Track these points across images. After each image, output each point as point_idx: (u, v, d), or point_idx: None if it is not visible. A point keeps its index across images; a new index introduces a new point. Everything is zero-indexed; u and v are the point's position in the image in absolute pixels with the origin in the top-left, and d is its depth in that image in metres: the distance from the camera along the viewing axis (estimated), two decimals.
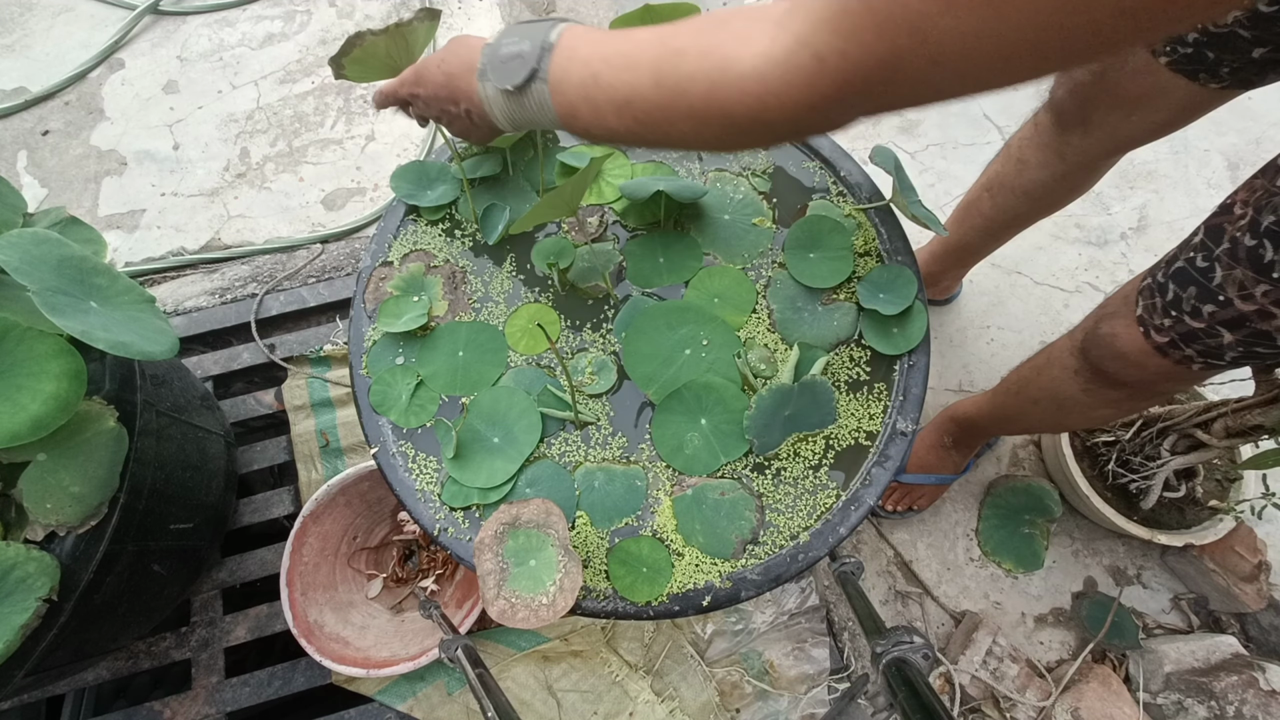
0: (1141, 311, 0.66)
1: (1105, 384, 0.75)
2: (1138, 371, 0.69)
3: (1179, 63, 0.70)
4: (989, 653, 1.07)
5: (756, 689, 1.04)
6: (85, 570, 0.72)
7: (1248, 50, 0.64)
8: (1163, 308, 0.63)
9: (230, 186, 1.47)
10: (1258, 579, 1.07)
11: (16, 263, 0.61)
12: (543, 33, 0.51)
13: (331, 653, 0.93)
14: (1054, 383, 0.82)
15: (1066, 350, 0.79)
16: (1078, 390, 0.78)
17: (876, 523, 1.20)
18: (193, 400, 1.02)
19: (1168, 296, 0.62)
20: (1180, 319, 0.61)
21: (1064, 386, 0.80)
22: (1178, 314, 0.61)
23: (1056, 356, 0.82)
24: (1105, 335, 0.70)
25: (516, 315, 0.73)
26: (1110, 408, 0.79)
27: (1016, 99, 1.61)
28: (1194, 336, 0.61)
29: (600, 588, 0.61)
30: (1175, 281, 0.62)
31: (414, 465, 0.67)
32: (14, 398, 0.63)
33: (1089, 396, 0.78)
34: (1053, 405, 0.84)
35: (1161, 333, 0.64)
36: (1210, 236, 0.59)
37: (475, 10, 1.71)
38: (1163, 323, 0.63)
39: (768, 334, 0.71)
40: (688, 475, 0.66)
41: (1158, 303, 0.64)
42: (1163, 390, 0.73)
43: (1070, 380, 0.79)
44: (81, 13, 1.69)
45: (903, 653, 0.48)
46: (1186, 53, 0.68)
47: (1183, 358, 0.64)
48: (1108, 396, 0.76)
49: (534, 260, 0.75)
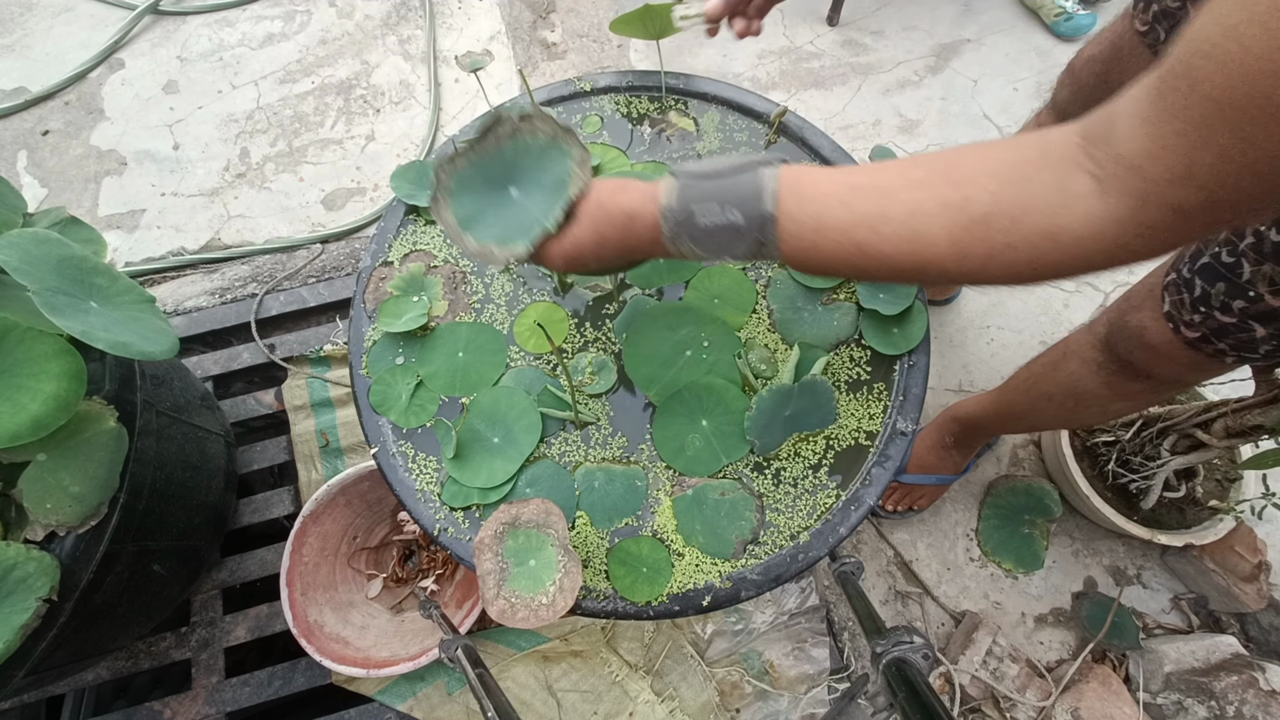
0: (1169, 307, 0.65)
1: (1130, 376, 0.74)
2: (1168, 364, 0.68)
3: None
4: (989, 653, 1.07)
5: (756, 689, 1.04)
6: (85, 570, 0.72)
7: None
8: (1191, 303, 0.62)
9: (230, 186, 1.47)
10: (1258, 579, 1.07)
11: (17, 263, 0.61)
12: (751, 198, 0.44)
13: (331, 653, 0.93)
14: (1071, 377, 0.81)
15: (1087, 344, 0.78)
16: (1098, 384, 0.77)
17: (876, 523, 1.20)
18: (193, 400, 1.02)
19: (1195, 292, 0.61)
20: (1210, 314, 0.60)
21: (1083, 381, 0.79)
22: (1207, 309, 0.60)
23: (1075, 350, 0.81)
24: (1134, 328, 0.69)
25: (525, 314, 0.73)
26: (1130, 400, 0.78)
27: (1016, 99, 1.61)
28: (1225, 331, 0.60)
29: (600, 588, 0.61)
30: (1202, 277, 0.61)
31: (414, 465, 0.67)
32: (14, 398, 0.63)
33: (1110, 390, 0.77)
34: (1069, 400, 0.83)
35: (1192, 328, 0.63)
36: (1233, 230, 0.58)
37: (475, 10, 1.71)
38: (1192, 318, 0.62)
39: (768, 334, 0.71)
40: (689, 476, 0.66)
41: (1185, 298, 0.63)
42: (1191, 381, 0.71)
43: (1091, 374, 0.78)
44: (81, 13, 1.69)
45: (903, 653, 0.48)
46: None
47: (1215, 351, 0.63)
48: (1130, 389, 0.75)
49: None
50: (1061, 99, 0.85)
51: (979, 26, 1.73)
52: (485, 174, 0.55)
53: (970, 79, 1.65)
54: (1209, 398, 1.12)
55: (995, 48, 1.70)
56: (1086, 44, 0.82)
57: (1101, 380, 0.77)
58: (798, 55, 1.70)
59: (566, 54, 1.69)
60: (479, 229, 0.55)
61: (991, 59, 1.68)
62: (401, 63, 1.63)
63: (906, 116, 1.59)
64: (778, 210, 0.43)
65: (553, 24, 1.75)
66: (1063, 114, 0.85)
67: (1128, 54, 0.75)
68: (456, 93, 1.59)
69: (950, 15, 1.75)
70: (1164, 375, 0.70)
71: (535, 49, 1.68)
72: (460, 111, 1.57)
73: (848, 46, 1.70)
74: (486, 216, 0.55)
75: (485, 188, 0.56)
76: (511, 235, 0.53)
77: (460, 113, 1.57)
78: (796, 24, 1.75)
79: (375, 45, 1.65)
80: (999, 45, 1.70)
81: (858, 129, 1.55)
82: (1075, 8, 1.65)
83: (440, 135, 1.53)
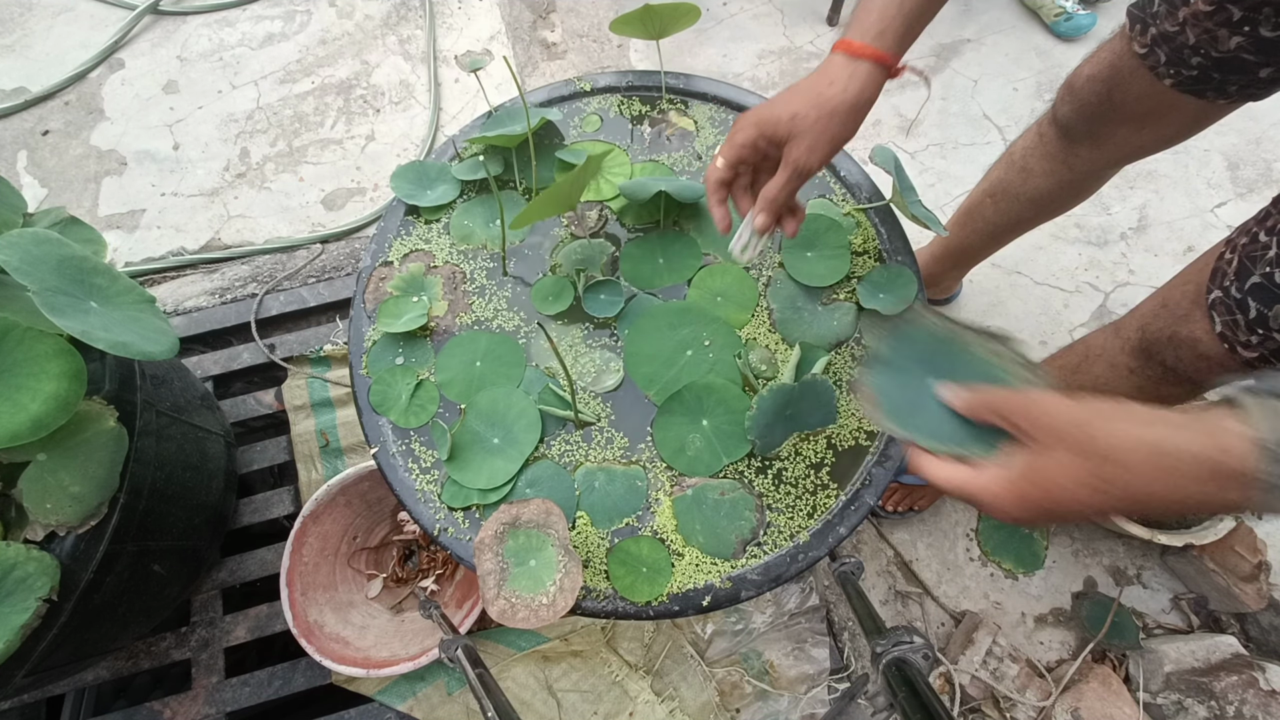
0: (1222, 328, 0.63)
1: (1169, 383, 0.72)
2: (1221, 373, 0.66)
3: (1184, 84, 0.69)
4: (989, 653, 1.07)
5: (756, 689, 1.04)
6: (85, 570, 0.72)
7: (1254, 71, 0.63)
8: (1247, 325, 0.60)
9: (230, 186, 1.47)
10: (1258, 579, 1.07)
11: (17, 263, 0.61)
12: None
13: (331, 653, 0.93)
14: (1097, 381, 0.80)
15: (1115, 350, 0.77)
16: (1129, 389, 0.76)
17: (876, 523, 1.20)
18: (193, 400, 1.02)
19: (1250, 314, 0.59)
20: (1269, 335, 0.58)
21: (1111, 386, 0.78)
22: (1265, 331, 0.58)
23: (1100, 355, 0.80)
24: (1185, 339, 0.67)
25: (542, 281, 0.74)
26: (1161, 403, 0.76)
27: (1016, 99, 1.61)
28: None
29: (600, 588, 0.61)
30: (1255, 298, 0.59)
31: (414, 465, 0.67)
32: (14, 398, 0.63)
33: (1141, 395, 0.75)
34: None
35: (1249, 349, 0.61)
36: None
37: (475, 10, 1.71)
38: (1249, 339, 0.60)
39: (768, 334, 0.71)
40: (689, 476, 0.66)
41: (1240, 320, 0.60)
42: None
43: (1122, 380, 0.77)
44: (81, 13, 1.69)
45: (903, 653, 0.48)
46: (1192, 75, 0.68)
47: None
48: (1165, 393, 0.74)
49: (534, 301, 0.74)
50: (1064, 115, 0.84)
51: (979, 26, 1.73)
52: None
53: (970, 79, 1.65)
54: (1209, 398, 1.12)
55: (995, 48, 1.70)
56: (1084, 63, 0.82)
57: (1134, 386, 0.76)
58: (798, 55, 1.70)
59: (566, 54, 1.69)
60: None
61: (991, 59, 1.68)
62: (401, 63, 1.63)
63: (906, 116, 1.59)
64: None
65: (553, 24, 1.75)
66: (1067, 130, 0.85)
67: (1128, 75, 0.74)
68: (456, 93, 1.59)
69: (950, 15, 1.75)
70: (1214, 383, 0.69)
71: (535, 49, 1.68)
72: (460, 111, 1.57)
73: None
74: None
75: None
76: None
77: (460, 112, 1.57)
78: (796, 24, 1.75)
79: (375, 45, 1.65)
80: (999, 45, 1.70)
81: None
82: (1075, 8, 1.65)
83: (440, 135, 1.53)
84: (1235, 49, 0.62)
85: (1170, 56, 0.69)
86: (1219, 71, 0.65)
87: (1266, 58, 0.61)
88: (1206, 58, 0.65)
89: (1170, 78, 0.69)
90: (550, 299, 0.73)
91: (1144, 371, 0.75)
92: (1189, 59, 0.67)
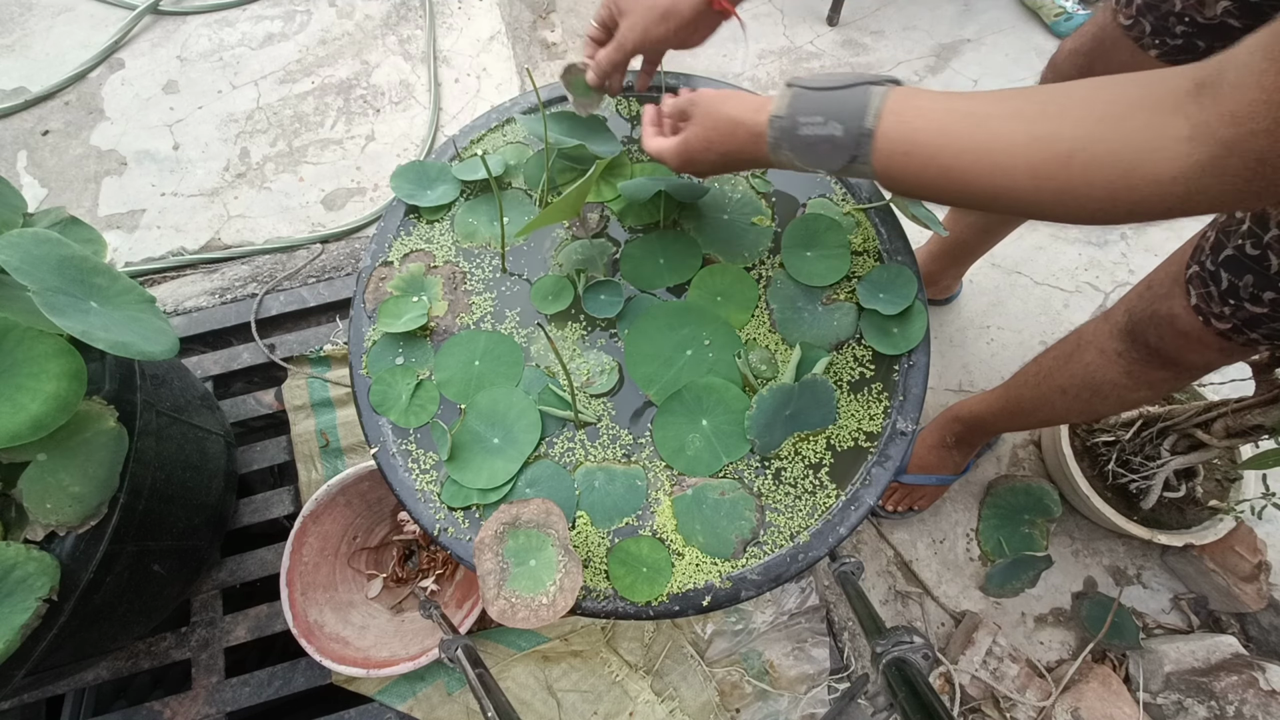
0: (1197, 300, 0.64)
1: (1156, 365, 0.73)
2: (1199, 350, 0.67)
3: (1169, 54, 0.69)
4: (989, 653, 1.07)
5: (756, 689, 1.04)
6: (85, 570, 0.72)
7: (1240, 38, 0.64)
8: (1220, 296, 0.62)
9: (230, 186, 1.47)
10: (1258, 579, 1.07)
11: (17, 263, 0.61)
12: (854, 115, 0.45)
13: (331, 653, 0.93)
14: (1089, 369, 0.81)
15: (1105, 335, 0.78)
16: (1119, 374, 0.77)
17: (876, 523, 1.20)
18: (193, 400, 1.02)
19: (1222, 285, 0.61)
20: (1240, 306, 0.60)
21: (1102, 372, 0.79)
22: (1237, 302, 0.60)
23: (1091, 341, 0.81)
24: (1164, 315, 0.69)
25: (542, 281, 0.74)
26: (1153, 389, 0.77)
27: None
28: (1258, 321, 0.60)
29: (600, 588, 0.61)
30: (1228, 270, 0.60)
31: (414, 465, 0.67)
32: (14, 398, 0.63)
33: (1131, 379, 0.76)
34: (1085, 392, 0.83)
35: (1222, 320, 0.62)
36: (1257, 223, 0.57)
37: (475, 10, 1.71)
38: (1222, 310, 0.62)
39: (768, 334, 0.71)
40: (689, 476, 0.66)
41: (1213, 291, 0.62)
42: (1221, 365, 0.71)
43: (1111, 365, 0.77)
44: (81, 13, 1.69)
45: (903, 653, 0.48)
46: (1176, 44, 0.68)
47: (1248, 341, 0.63)
48: (1153, 378, 0.75)
49: (534, 300, 0.74)
50: None
51: (979, 26, 1.73)
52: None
53: (970, 79, 1.65)
54: (1209, 398, 1.12)
55: (995, 48, 1.70)
56: (1067, 39, 0.82)
57: (1122, 370, 0.76)
58: (798, 55, 1.70)
59: (566, 54, 1.69)
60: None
61: (991, 59, 1.68)
62: (401, 63, 1.63)
63: None
64: (876, 129, 0.44)
65: (553, 24, 1.75)
66: None
67: (1110, 47, 0.74)
68: (456, 93, 1.59)
69: (950, 15, 1.75)
70: (1194, 362, 0.70)
71: (535, 49, 1.68)
72: (460, 111, 1.57)
73: (848, 46, 1.70)
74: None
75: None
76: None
77: (460, 113, 1.57)
78: (796, 24, 1.75)
79: (375, 45, 1.66)
80: (999, 45, 1.70)
81: None
82: (1075, 8, 1.65)
83: (440, 135, 1.53)
84: (1222, 14, 0.62)
85: (1155, 25, 0.68)
86: (1204, 39, 0.65)
87: (1253, 23, 0.61)
88: (1192, 24, 0.65)
89: (1155, 48, 0.69)
90: (550, 299, 0.73)
91: (1130, 354, 0.75)
92: (1173, 27, 0.66)
